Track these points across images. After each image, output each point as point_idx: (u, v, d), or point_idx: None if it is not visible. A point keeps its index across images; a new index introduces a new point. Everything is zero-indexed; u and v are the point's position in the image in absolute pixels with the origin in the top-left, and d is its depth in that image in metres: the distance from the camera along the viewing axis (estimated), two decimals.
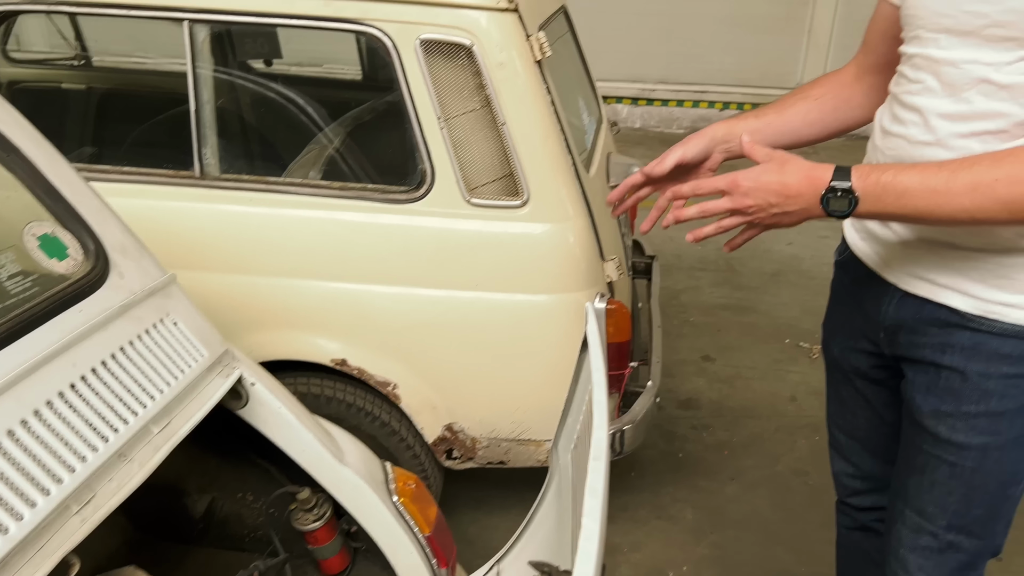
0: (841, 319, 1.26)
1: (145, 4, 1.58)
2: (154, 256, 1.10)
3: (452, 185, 1.61)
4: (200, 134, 1.64)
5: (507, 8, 1.55)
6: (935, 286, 1.05)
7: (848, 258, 1.21)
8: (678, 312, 3.30)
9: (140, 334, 0.98)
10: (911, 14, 1.04)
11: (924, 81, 1.00)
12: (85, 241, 0.98)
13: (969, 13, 0.95)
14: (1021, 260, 0.99)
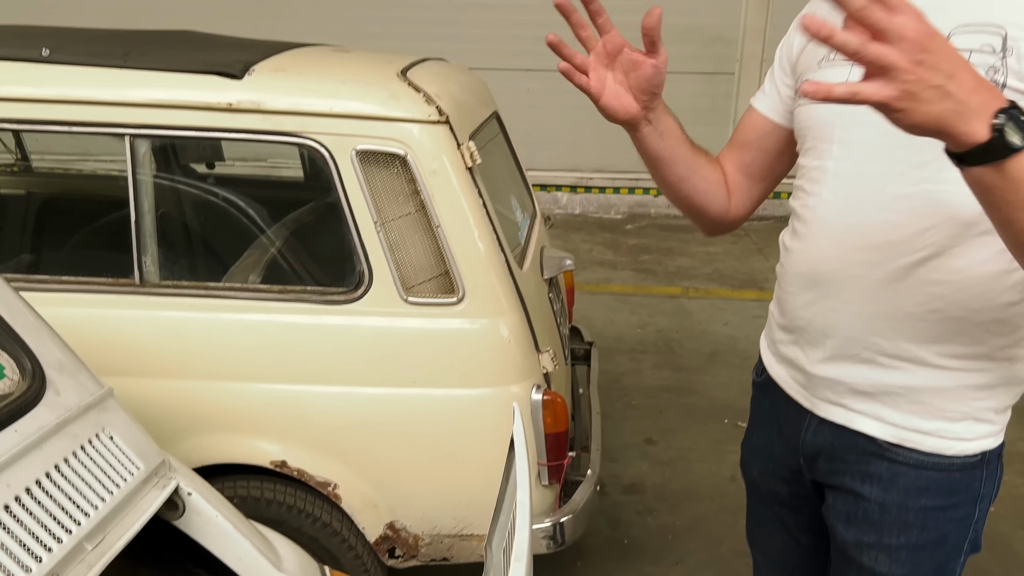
0: (761, 443, 1.24)
1: (87, 121, 1.64)
2: (90, 371, 1.12)
3: (389, 285, 1.67)
4: (140, 243, 1.67)
5: (438, 120, 1.65)
6: (851, 412, 1.04)
7: (766, 380, 1.19)
8: (621, 395, 3.36)
9: (75, 450, 1.00)
10: (806, 126, 1.05)
11: (821, 195, 1.01)
12: (22, 360, 1.00)
13: (860, 124, 0.95)
14: (936, 383, 0.98)
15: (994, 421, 1.01)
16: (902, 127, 0.71)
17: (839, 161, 0.99)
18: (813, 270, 1.02)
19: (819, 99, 0.68)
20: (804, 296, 1.05)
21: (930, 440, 0.99)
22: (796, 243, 1.06)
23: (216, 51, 1.79)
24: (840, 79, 0.94)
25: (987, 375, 0.98)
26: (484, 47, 6.20)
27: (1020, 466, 2.88)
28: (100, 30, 2.01)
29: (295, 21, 6.17)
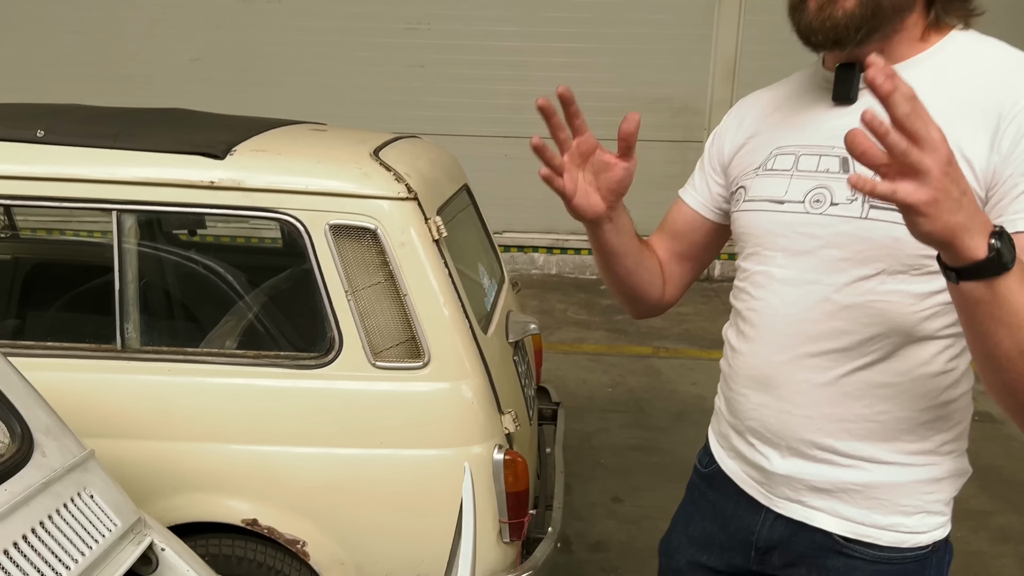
0: (698, 533, 1.24)
1: (78, 197, 1.75)
2: (74, 434, 1.21)
3: (358, 350, 1.77)
4: (123, 310, 1.77)
5: (407, 197, 1.78)
6: (809, 508, 1.07)
7: (715, 472, 1.21)
8: (590, 454, 3.44)
9: (59, 508, 1.08)
10: (746, 232, 1.09)
11: (767, 300, 1.05)
12: (12, 425, 1.09)
13: (803, 235, 1.00)
14: (891, 479, 1.02)
15: (944, 512, 1.06)
16: (918, 232, 0.75)
17: (785, 269, 1.03)
18: (763, 373, 1.06)
19: (865, 192, 0.72)
20: (755, 399, 1.09)
21: (887, 535, 1.04)
22: (743, 345, 1.10)
23: (201, 131, 1.92)
24: (779, 187, 1.04)
25: (936, 469, 1.03)
26: (464, 115, 6.43)
27: (973, 523, 2.98)
28: (95, 109, 2.14)
29: (280, 89, 6.38)
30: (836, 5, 0.93)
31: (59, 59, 6.43)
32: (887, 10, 0.93)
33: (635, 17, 6.16)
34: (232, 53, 6.36)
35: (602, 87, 6.37)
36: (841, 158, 0.99)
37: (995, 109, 0.91)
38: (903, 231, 0.84)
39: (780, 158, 1.06)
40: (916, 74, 0.94)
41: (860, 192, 0.72)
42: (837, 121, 1.00)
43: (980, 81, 0.94)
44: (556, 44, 6.30)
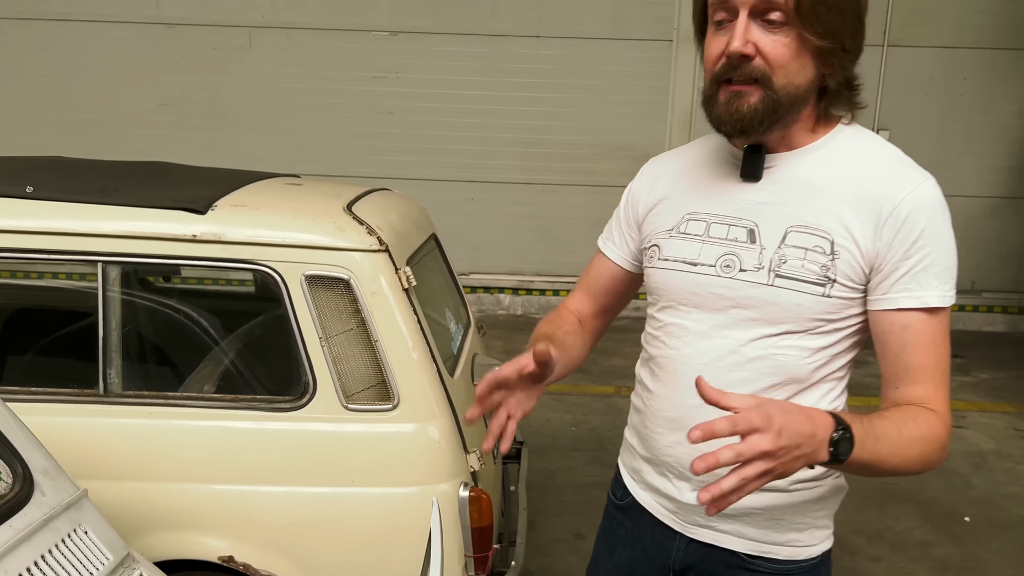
0: (623, 560, 1.35)
1: (65, 250, 1.85)
2: (68, 475, 1.30)
3: (331, 393, 1.88)
4: (106, 357, 1.86)
5: (379, 249, 1.91)
6: (718, 532, 1.21)
7: (630, 504, 1.33)
8: (553, 492, 3.55)
9: (57, 543, 1.17)
10: (661, 288, 1.22)
11: (681, 350, 1.18)
12: (14, 466, 1.18)
13: (715, 295, 1.14)
14: (785, 503, 1.17)
15: (829, 526, 1.23)
16: (782, 475, 0.93)
17: (699, 323, 1.17)
18: (678, 415, 1.18)
19: (714, 496, 0.89)
20: (669, 437, 1.21)
21: (784, 549, 1.20)
22: (658, 388, 1.23)
23: (182, 186, 2.03)
24: (692, 250, 1.19)
25: (820, 490, 1.20)
26: (431, 160, 6.60)
27: (914, 553, 3.14)
28: (78, 163, 2.24)
29: (250, 134, 6.50)
30: (742, 100, 1.08)
31: (26, 104, 6.48)
32: (784, 106, 1.09)
33: (597, 69, 6.42)
34: (201, 99, 6.48)
35: (566, 135, 6.61)
36: (748, 229, 1.15)
37: (877, 201, 1.09)
38: (804, 298, 1.10)
39: (692, 223, 1.20)
40: (809, 160, 1.14)
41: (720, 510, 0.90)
42: (744, 196, 1.17)
43: (864, 173, 1.11)
44: (520, 93, 6.52)
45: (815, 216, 1.11)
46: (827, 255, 1.10)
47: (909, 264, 1.08)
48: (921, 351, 1.09)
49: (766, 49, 1.06)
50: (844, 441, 0.95)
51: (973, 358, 5.94)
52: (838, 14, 1.06)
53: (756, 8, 1.05)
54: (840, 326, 1.13)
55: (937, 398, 1.09)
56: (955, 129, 6.52)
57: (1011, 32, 6.33)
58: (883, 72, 6.43)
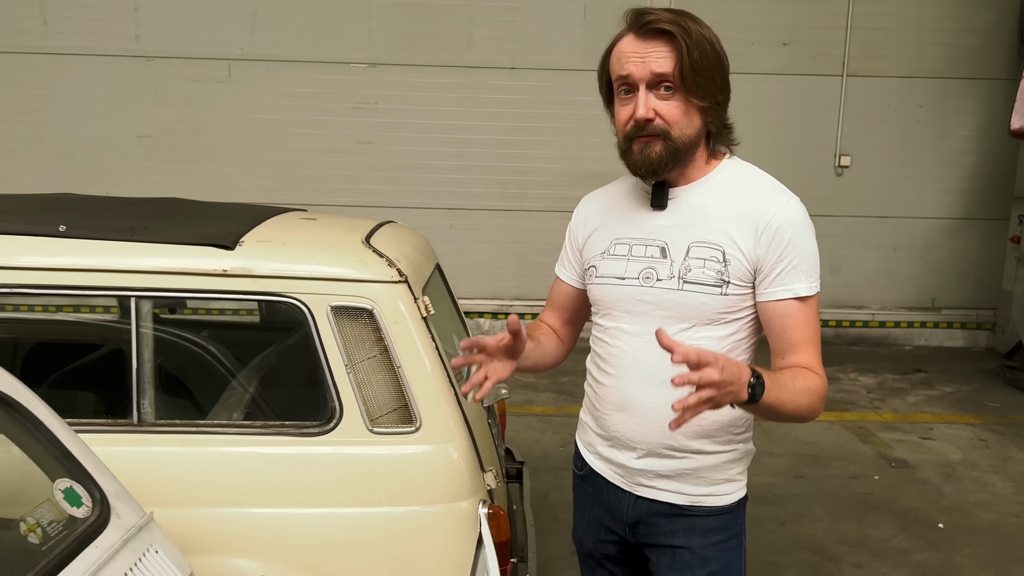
0: (591, 520, 1.68)
1: (99, 286, 1.93)
2: (134, 499, 1.38)
3: (357, 418, 1.97)
4: (140, 387, 1.94)
5: (399, 280, 2.02)
6: (657, 490, 1.53)
7: (588, 473, 1.66)
8: (548, 511, 3.65)
9: (136, 562, 1.25)
10: (599, 299, 1.56)
11: (621, 347, 1.50)
12: (92, 491, 1.27)
13: (640, 301, 1.48)
14: (708, 463, 1.49)
15: (743, 479, 1.57)
16: (719, 404, 1.21)
17: (631, 325, 1.49)
18: (623, 399, 1.51)
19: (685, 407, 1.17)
20: (617, 416, 1.53)
21: (710, 499, 1.52)
22: (605, 379, 1.55)
23: (207, 222, 2.12)
24: (620, 268, 1.51)
25: (735, 453, 1.53)
26: (410, 189, 6.72)
27: (894, 560, 3.30)
28: (101, 200, 2.32)
29: (231, 165, 6.56)
30: (651, 149, 1.41)
31: (3, 136, 6.46)
32: (682, 151, 1.43)
33: (569, 99, 6.61)
34: (182, 131, 6.53)
35: (541, 163, 6.78)
36: (660, 247, 1.48)
37: (754, 219, 1.42)
38: (707, 298, 1.44)
39: (618, 246, 1.53)
40: (702, 190, 1.49)
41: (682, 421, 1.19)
42: (655, 222, 1.50)
43: (744, 197, 1.45)
44: (496, 123, 6.69)
45: (709, 233, 1.44)
46: (720, 263, 1.43)
47: (782, 266, 1.41)
48: (798, 330, 1.42)
49: (663, 112, 1.40)
50: (759, 385, 1.26)
51: (936, 372, 6.20)
52: (711, 80, 1.40)
53: (651, 82, 1.39)
54: (738, 316, 1.46)
55: (813, 362, 1.42)
56: (913, 155, 6.84)
57: (963, 62, 6.68)
58: (843, 101, 6.74)
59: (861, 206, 6.89)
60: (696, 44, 1.37)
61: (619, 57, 1.42)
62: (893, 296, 7.04)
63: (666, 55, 1.37)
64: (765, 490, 3.89)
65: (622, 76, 1.41)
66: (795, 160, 6.63)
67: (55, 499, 1.19)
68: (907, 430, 4.89)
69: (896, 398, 5.57)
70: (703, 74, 1.38)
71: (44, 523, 1.14)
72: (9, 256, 1.90)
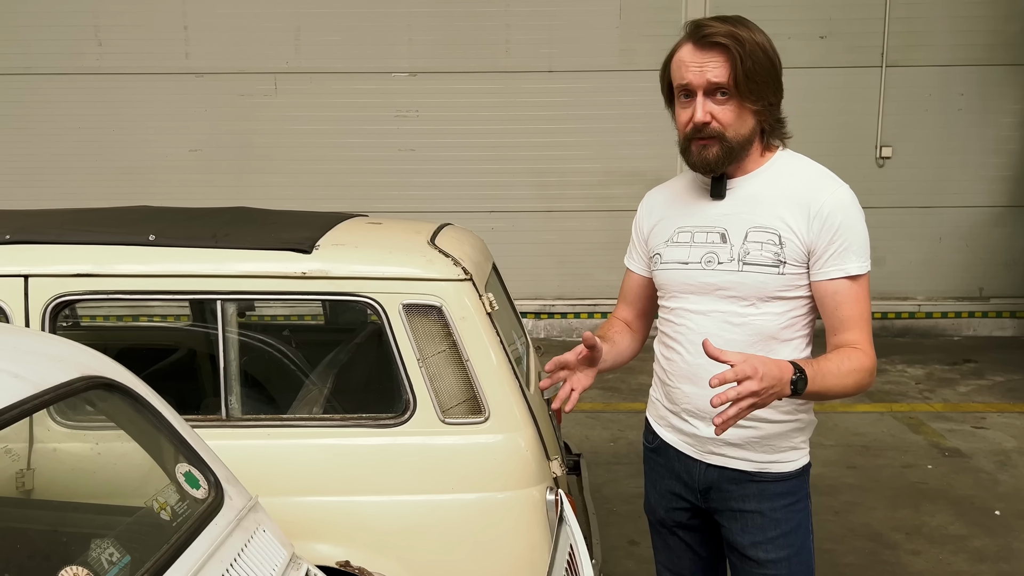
0: (664, 488, 1.77)
1: (187, 290, 2.06)
2: (240, 483, 1.50)
3: (430, 409, 2.08)
4: (227, 385, 2.07)
5: (465, 278, 2.12)
6: (727, 457, 1.63)
7: (659, 445, 1.76)
8: (602, 503, 3.72)
9: (248, 540, 1.37)
10: (664, 283, 1.68)
11: (687, 324, 1.62)
12: (208, 475, 1.39)
13: (703, 283, 1.60)
14: (774, 431, 1.59)
15: (806, 447, 1.66)
16: (762, 404, 1.34)
17: (695, 304, 1.61)
18: (692, 372, 1.61)
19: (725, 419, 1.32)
20: (687, 388, 1.64)
21: (776, 466, 1.62)
22: (674, 355, 1.66)
23: (282, 229, 2.24)
24: (684, 254, 1.63)
25: (798, 423, 1.63)
26: (452, 193, 6.84)
27: (952, 546, 3.31)
28: (187, 211, 2.46)
29: (278, 176, 6.75)
30: (708, 151, 1.54)
31: (64, 155, 6.74)
32: (736, 149, 1.55)
33: (607, 99, 6.68)
34: (231, 144, 6.74)
35: (580, 163, 6.86)
36: (720, 233, 1.60)
37: (806, 204, 1.53)
38: (765, 278, 1.55)
39: (681, 234, 1.66)
40: (757, 180, 1.60)
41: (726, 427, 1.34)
42: (715, 210, 1.62)
43: (797, 185, 1.56)
44: (535, 125, 6.79)
45: (765, 218, 1.56)
46: (777, 245, 1.54)
47: (834, 247, 1.51)
48: (849, 307, 1.53)
49: (718, 115, 1.51)
50: (800, 380, 1.38)
51: (986, 362, 6.14)
52: (763, 84, 1.51)
53: (708, 89, 1.50)
54: (795, 295, 1.56)
55: (862, 340, 1.53)
56: (955, 143, 6.78)
57: (1005, 49, 6.61)
58: (883, 91, 6.71)
59: (904, 196, 6.84)
60: (750, 53, 1.48)
61: (679, 65, 1.55)
62: (939, 286, 6.98)
63: (721, 65, 1.49)
64: (818, 480, 3.92)
65: (682, 84, 1.54)
66: (835, 152, 6.61)
67: (178, 480, 1.31)
68: (959, 420, 4.86)
69: (946, 388, 5.54)
70: (756, 80, 1.50)
71: (172, 503, 1.26)
72: (107, 264, 2.05)
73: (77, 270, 2.04)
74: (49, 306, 2.03)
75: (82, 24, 6.54)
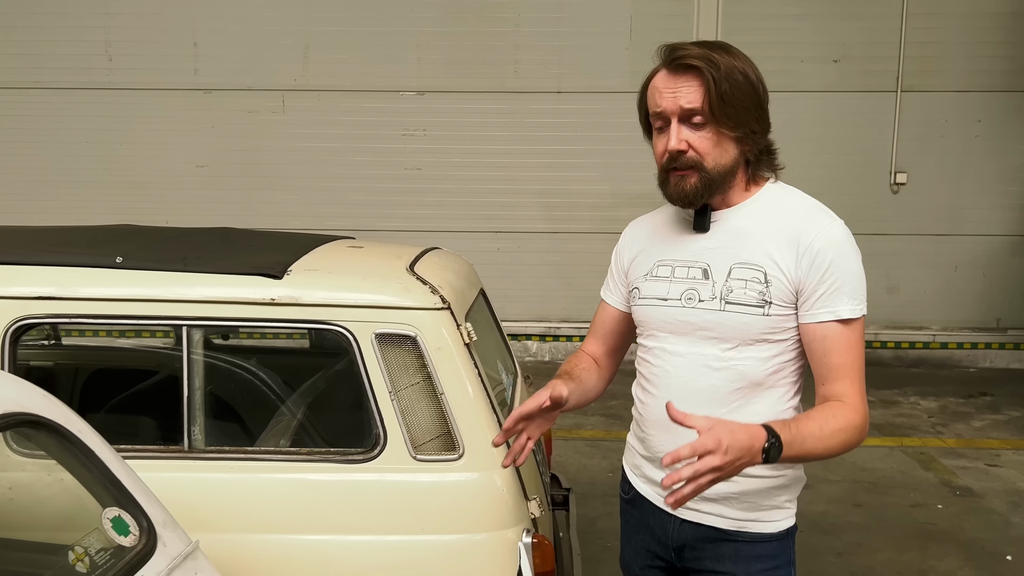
0: (638, 545, 1.65)
1: (153, 315, 1.99)
2: (180, 526, 1.41)
3: (401, 445, 1.98)
4: (190, 415, 1.98)
5: (442, 307, 2.03)
6: (703, 513, 1.51)
7: (635, 496, 1.64)
8: (596, 538, 3.60)
9: None
10: (642, 320, 1.56)
11: (663, 367, 1.51)
12: (140, 519, 1.30)
13: (682, 322, 1.49)
14: (755, 488, 1.46)
15: (791, 507, 1.52)
16: (726, 477, 1.22)
17: (675, 345, 1.50)
18: (667, 420, 1.41)
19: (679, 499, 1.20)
20: (662, 437, 1.51)
21: (756, 525, 1.48)
22: (650, 399, 1.54)
23: (257, 252, 2.17)
24: (663, 290, 1.53)
25: (783, 479, 1.49)
26: (459, 213, 6.78)
27: None
28: (157, 231, 2.40)
29: (285, 193, 6.73)
30: (685, 182, 1.43)
31: (73, 168, 6.75)
32: (717, 180, 1.44)
33: (616, 121, 6.60)
34: (238, 160, 6.73)
35: (588, 184, 6.78)
36: (702, 269, 1.49)
37: (795, 240, 1.42)
38: (749, 318, 1.43)
39: (661, 268, 1.55)
40: (743, 213, 1.49)
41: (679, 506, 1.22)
42: (697, 244, 1.51)
43: (785, 219, 1.45)
44: (543, 146, 6.72)
45: (750, 255, 1.45)
46: (762, 283, 1.42)
47: (824, 287, 1.40)
48: (838, 354, 1.40)
49: (695, 144, 1.41)
50: (773, 448, 1.25)
51: (1003, 396, 5.96)
52: (742, 110, 1.41)
53: (683, 116, 1.41)
54: (782, 338, 1.44)
55: (852, 391, 1.40)
56: (972, 170, 6.64)
57: (1022, 75, 6.48)
58: (898, 117, 6.59)
59: (918, 224, 6.70)
60: (726, 76, 1.38)
61: (653, 92, 1.46)
62: (955, 316, 6.81)
63: (695, 89, 1.39)
64: (821, 518, 3.78)
65: (656, 111, 1.45)
66: (849, 178, 6.50)
67: (103, 528, 1.22)
68: (972, 456, 4.70)
69: (960, 423, 5.37)
70: (733, 105, 1.39)
71: (92, 552, 1.18)
72: (70, 287, 1.98)
73: (39, 292, 1.97)
74: (9, 329, 1.96)
75: (93, 39, 6.57)
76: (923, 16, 6.43)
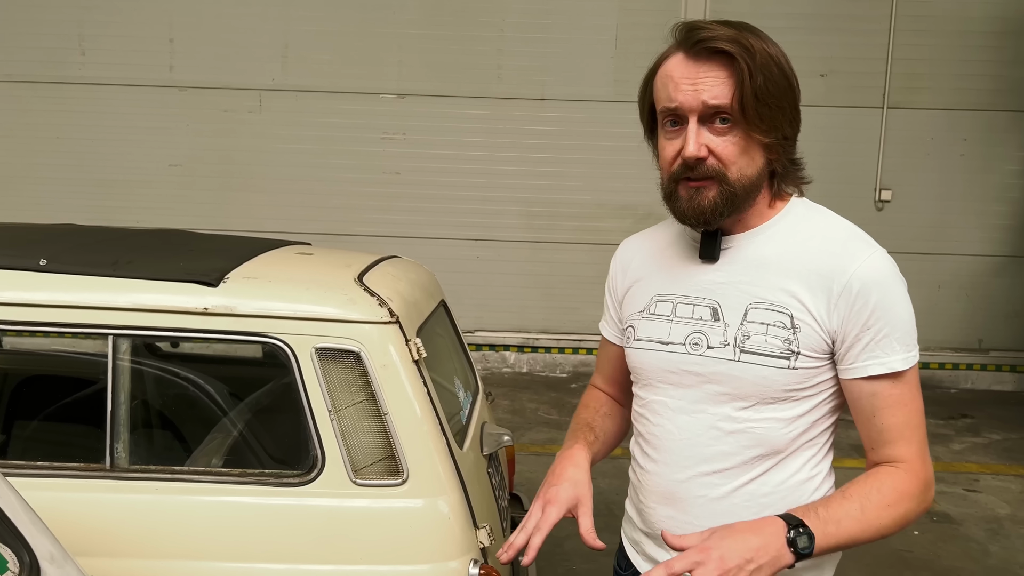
0: None
1: (77, 323, 1.85)
2: (75, 561, 1.27)
3: (340, 468, 1.85)
4: (114, 430, 1.84)
5: (389, 321, 1.91)
6: None
7: (632, 574, 1.41)
8: (561, 560, 3.47)
9: None
10: (638, 367, 1.29)
11: (665, 425, 1.25)
12: (21, 554, 1.16)
13: (687, 372, 1.21)
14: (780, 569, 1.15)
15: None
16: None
17: (676, 400, 1.24)
18: (668, 490, 1.25)
19: None
20: (663, 512, 1.28)
21: None
22: (649, 464, 1.29)
23: (195, 258, 2.04)
24: (663, 331, 1.26)
25: (813, 559, 1.16)
26: (437, 219, 6.66)
27: None
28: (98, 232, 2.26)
29: (260, 194, 6.58)
30: (702, 196, 1.16)
31: (40, 164, 6.58)
32: (740, 195, 1.17)
33: (600, 131, 6.51)
34: (212, 160, 6.57)
35: (570, 194, 6.67)
36: (711, 308, 1.22)
37: (828, 276, 1.15)
38: (770, 371, 1.16)
39: (660, 304, 1.28)
40: (763, 239, 1.22)
41: None
42: (704, 276, 1.24)
43: (815, 250, 1.18)
44: (525, 154, 6.61)
45: (771, 292, 1.18)
46: (788, 329, 1.16)
47: (870, 335, 1.14)
48: (890, 413, 1.16)
49: (718, 150, 1.14)
50: (802, 537, 1.04)
51: (983, 418, 5.88)
52: (778, 110, 1.14)
53: (704, 114, 1.13)
54: (812, 393, 1.19)
55: (909, 453, 1.16)
56: (957, 189, 6.58)
57: (1010, 95, 6.43)
58: (883, 134, 6.52)
59: (902, 242, 6.61)
60: (761, 67, 1.12)
61: (665, 82, 1.17)
62: (937, 336, 6.73)
63: (723, 81, 1.12)
64: None
65: (669, 107, 1.17)
66: (833, 193, 6.34)
67: None
68: (950, 481, 4.60)
69: (939, 445, 5.28)
70: (768, 104, 1.13)
71: None
72: None
73: None
74: None
75: (66, 33, 6.40)
76: (911, 33, 6.38)
